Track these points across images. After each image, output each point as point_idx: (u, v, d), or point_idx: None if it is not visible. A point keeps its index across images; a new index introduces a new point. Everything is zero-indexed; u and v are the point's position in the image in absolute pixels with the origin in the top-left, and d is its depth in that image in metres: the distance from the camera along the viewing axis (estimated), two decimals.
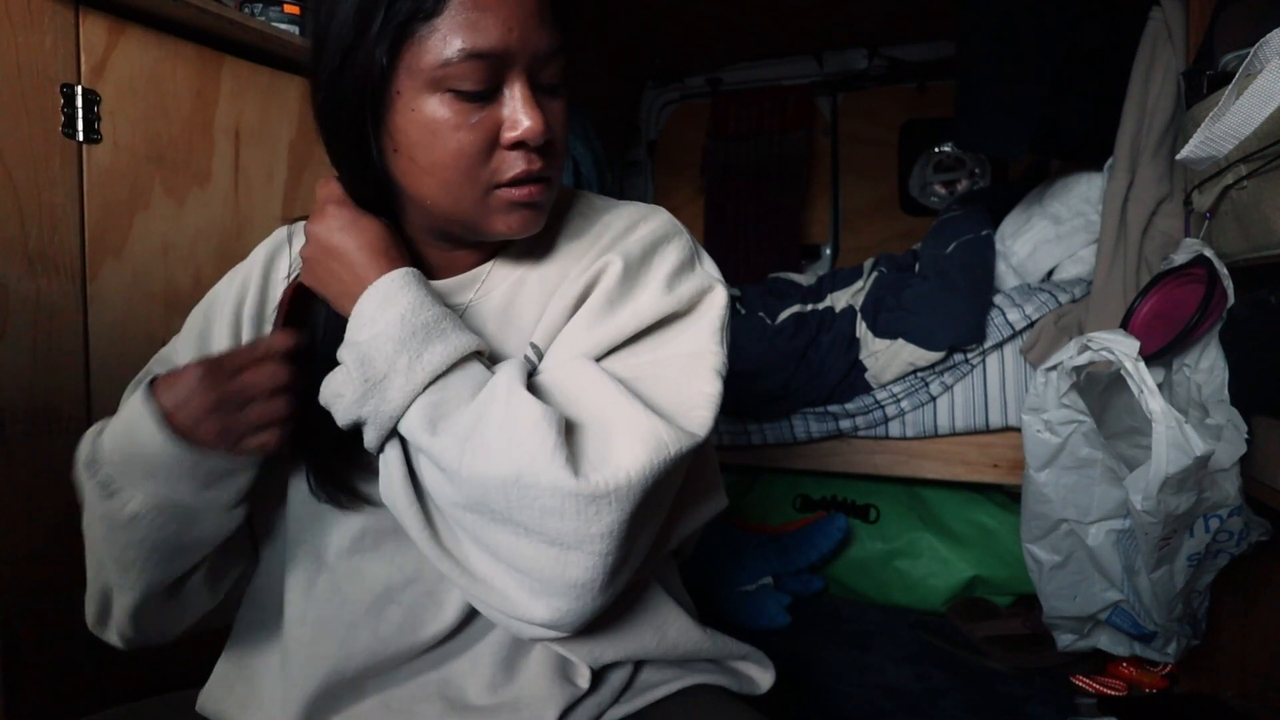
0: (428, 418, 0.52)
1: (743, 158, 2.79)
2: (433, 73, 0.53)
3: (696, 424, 0.54)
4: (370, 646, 0.62)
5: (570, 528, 0.48)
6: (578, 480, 0.48)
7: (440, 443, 0.51)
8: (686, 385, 0.57)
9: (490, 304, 0.64)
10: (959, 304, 1.53)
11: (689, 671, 0.69)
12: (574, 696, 0.62)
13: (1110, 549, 1.12)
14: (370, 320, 0.54)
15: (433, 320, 0.54)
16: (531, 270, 0.64)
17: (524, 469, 0.48)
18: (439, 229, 0.62)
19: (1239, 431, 1.04)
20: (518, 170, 0.56)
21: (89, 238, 0.98)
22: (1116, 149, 1.36)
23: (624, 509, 0.49)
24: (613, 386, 0.53)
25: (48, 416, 0.93)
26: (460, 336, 0.55)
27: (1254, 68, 0.83)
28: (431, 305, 0.55)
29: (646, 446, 0.50)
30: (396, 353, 0.53)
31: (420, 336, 0.53)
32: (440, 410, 0.52)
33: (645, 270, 0.61)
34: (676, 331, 0.60)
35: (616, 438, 0.50)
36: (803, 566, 1.72)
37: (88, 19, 0.97)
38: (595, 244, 0.63)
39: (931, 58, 2.55)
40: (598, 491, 0.48)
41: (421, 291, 0.55)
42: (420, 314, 0.54)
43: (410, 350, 0.53)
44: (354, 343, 0.54)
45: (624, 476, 0.48)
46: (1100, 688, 1.30)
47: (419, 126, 0.54)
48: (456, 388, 0.53)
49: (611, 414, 0.52)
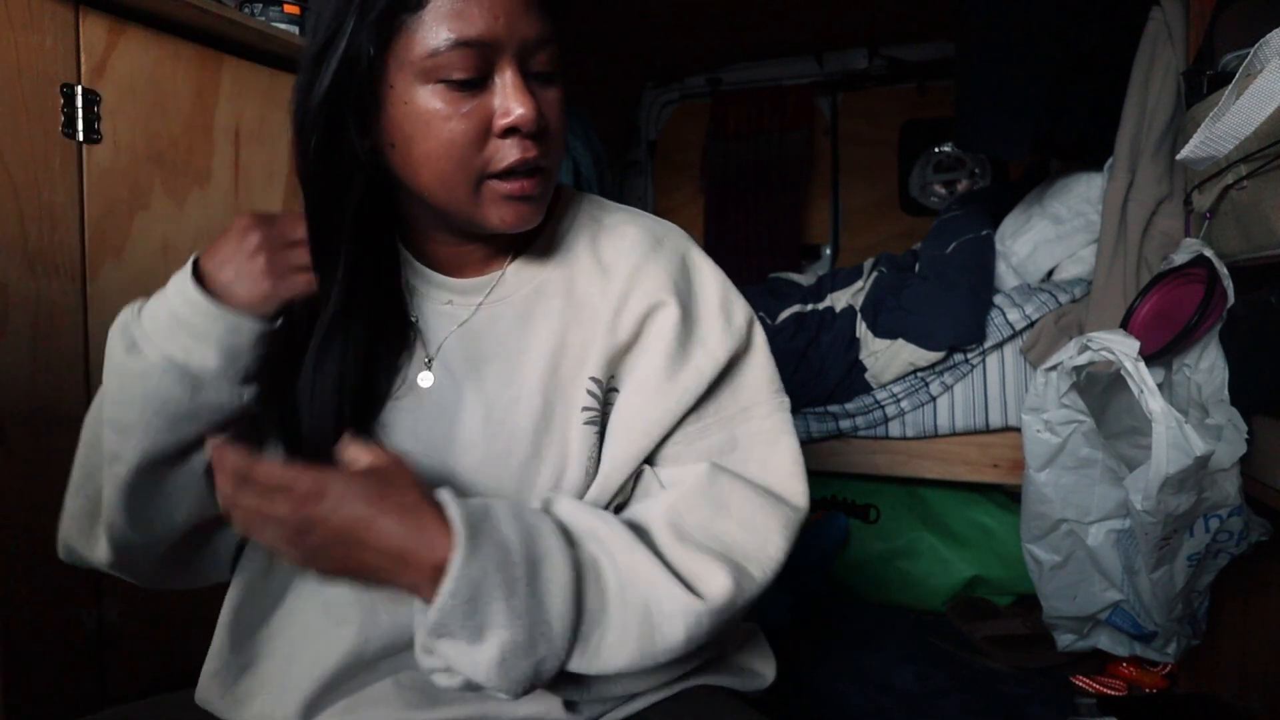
0: (586, 656, 0.53)
1: (743, 158, 2.79)
2: (422, 64, 0.53)
3: (798, 494, 0.63)
4: (390, 630, 0.61)
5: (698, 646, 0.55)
6: (703, 604, 0.54)
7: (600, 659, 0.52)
8: (775, 447, 0.64)
9: (508, 310, 0.64)
10: (959, 304, 1.53)
11: (692, 671, 0.69)
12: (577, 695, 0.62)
13: (1110, 549, 1.12)
14: (473, 641, 0.48)
15: (528, 557, 0.50)
16: (551, 279, 0.64)
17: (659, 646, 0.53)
18: (442, 223, 0.62)
19: (1239, 431, 1.04)
20: (513, 159, 0.56)
21: (89, 238, 0.98)
22: (1116, 149, 1.36)
23: (747, 597, 0.57)
24: (734, 486, 0.60)
25: (48, 416, 0.93)
26: (549, 562, 0.51)
27: (1254, 68, 0.83)
28: (510, 550, 0.49)
29: (775, 539, 0.59)
30: (530, 650, 0.49)
31: (528, 571, 0.49)
32: (596, 636, 0.52)
33: (697, 305, 0.64)
34: (743, 375, 0.65)
35: (767, 536, 0.59)
36: (803, 566, 1.72)
37: (88, 19, 0.97)
38: (619, 259, 0.64)
39: (931, 58, 2.55)
40: (758, 591, 0.57)
41: (493, 540, 0.49)
42: (515, 556, 0.49)
43: (531, 589, 0.49)
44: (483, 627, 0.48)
45: (774, 567, 0.59)
46: (1100, 688, 1.30)
47: (412, 119, 0.55)
48: (587, 599, 0.52)
49: (743, 525, 0.59)
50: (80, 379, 0.97)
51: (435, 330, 0.65)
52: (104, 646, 0.98)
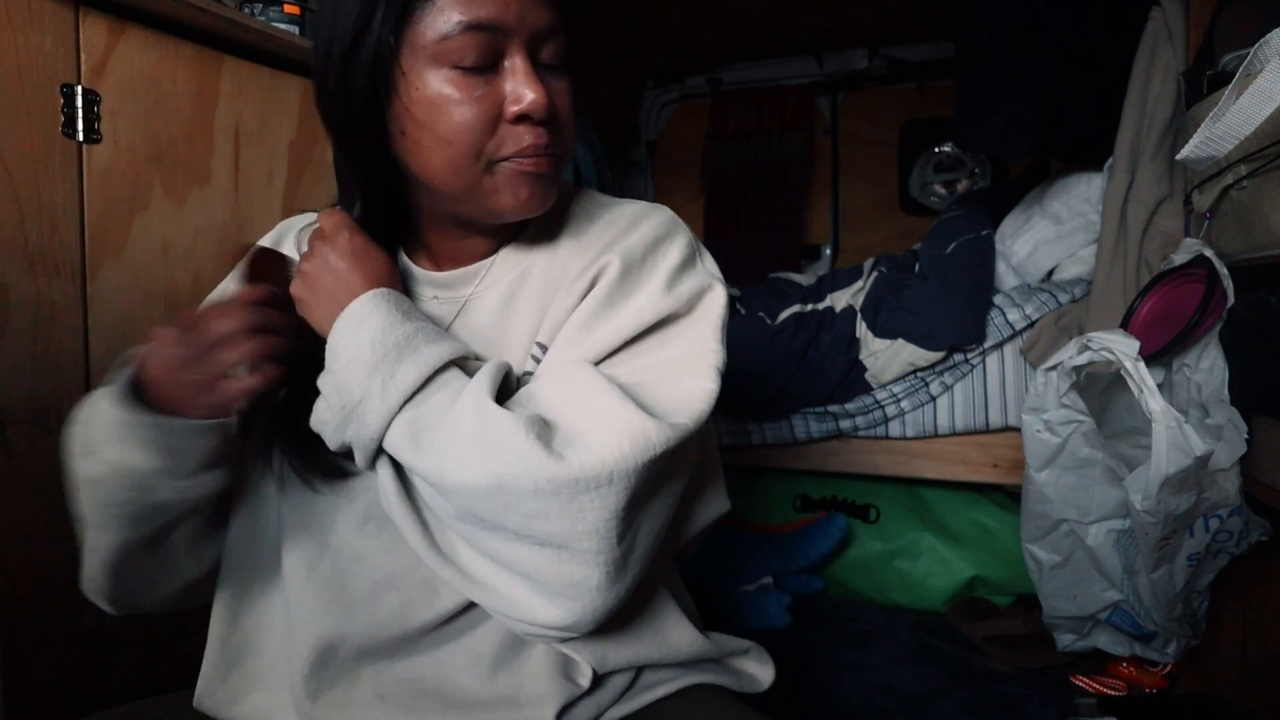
0: (409, 435, 0.53)
1: (743, 158, 2.79)
2: (434, 48, 0.54)
3: (685, 415, 0.54)
4: (367, 629, 0.62)
5: (558, 528, 0.49)
6: (556, 468, 0.48)
7: (422, 459, 0.52)
8: (686, 383, 0.57)
9: (492, 297, 0.64)
10: (959, 304, 1.53)
11: (689, 671, 0.69)
12: (574, 694, 0.62)
13: (1110, 549, 1.12)
14: (344, 346, 0.55)
15: (404, 339, 0.54)
16: (535, 264, 0.64)
17: (503, 476, 0.48)
18: (450, 213, 0.62)
19: (1239, 431, 1.04)
20: (524, 145, 0.56)
21: (89, 238, 0.98)
22: (1116, 149, 1.36)
23: (607, 503, 0.49)
24: (599, 387, 0.53)
25: (48, 417, 0.93)
26: (432, 350, 0.55)
27: (1254, 68, 0.83)
28: (403, 323, 0.55)
29: (626, 438, 0.50)
30: (370, 376, 0.53)
31: (392, 357, 0.54)
32: (419, 425, 0.53)
33: (645, 269, 0.61)
34: (677, 331, 0.60)
35: (595, 433, 0.50)
36: (803, 566, 1.72)
37: (88, 19, 0.97)
38: (598, 241, 0.63)
39: (931, 58, 2.55)
40: (576, 484, 0.48)
41: (392, 311, 0.55)
42: (391, 334, 0.54)
43: (383, 372, 0.53)
44: (330, 370, 0.55)
45: (600, 465, 0.48)
46: (1100, 688, 1.30)
47: (423, 104, 0.55)
48: (434, 401, 0.54)
49: (595, 412, 0.52)
50: (80, 379, 0.97)
51: None
52: (104, 646, 0.99)
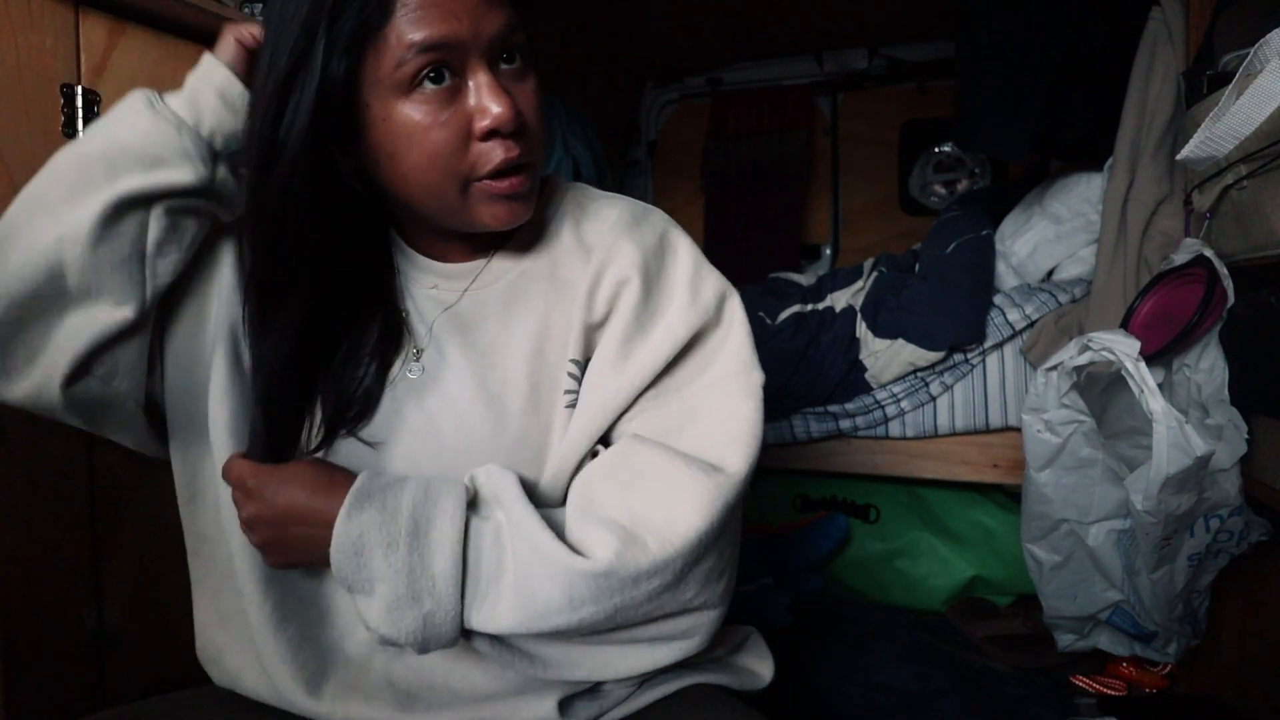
0: (485, 610, 0.54)
1: (743, 158, 2.79)
2: (393, 77, 0.54)
3: (740, 456, 0.58)
4: None
5: (673, 607, 0.56)
6: (651, 564, 0.53)
7: (514, 620, 0.53)
8: (731, 409, 0.60)
9: (492, 294, 0.64)
10: (959, 304, 1.53)
11: (689, 670, 0.69)
12: (575, 689, 0.63)
13: (1110, 549, 1.12)
14: (356, 545, 0.54)
15: (405, 531, 0.54)
16: (534, 263, 0.65)
17: (617, 605, 0.53)
18: (432, 224, 0.62)
19: (1239, 431, 1.04)
20: (497, 161, 0.56)
21: None
22: (1116, 149, 1.36)
23: (702, 566, 0.56)
24: (655, 464, 0.58)
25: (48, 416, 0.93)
26: (438, 525, 0.54)
27: (1254, 68, 0.83)
28: (396, 512, 0.55)
29: (696, 513, 0.55)
30: (409, 592, 0.53)
31: (411, 533, 0.54)
32: (482, 588, 0.54)
33: (663, 279, 0.62)
34: (714, 347, 0.62)
35: (670, 517, 0.55)
36: (803, 566, 1.72)
37: (88, 19, 0.97)
38: (598, 242, 0.64)
39: (931, 58, 2.55)
40: (671, 565, 0.54)
41: (378, 503, 0.55)
42: (401, 519, 0.54)
43: (408, 546, 0.54)
44: (355, 573, 0.54)
45: (683, 545, 0.54)
46: (1100, 688, 1.30)
47: (393, 135, 0.55)
48: (488, 562, 0.55)
49: (661, 494, 0.56)
50: None
51: (424, 314, 0.66)
52: (104, 646, 0.98)
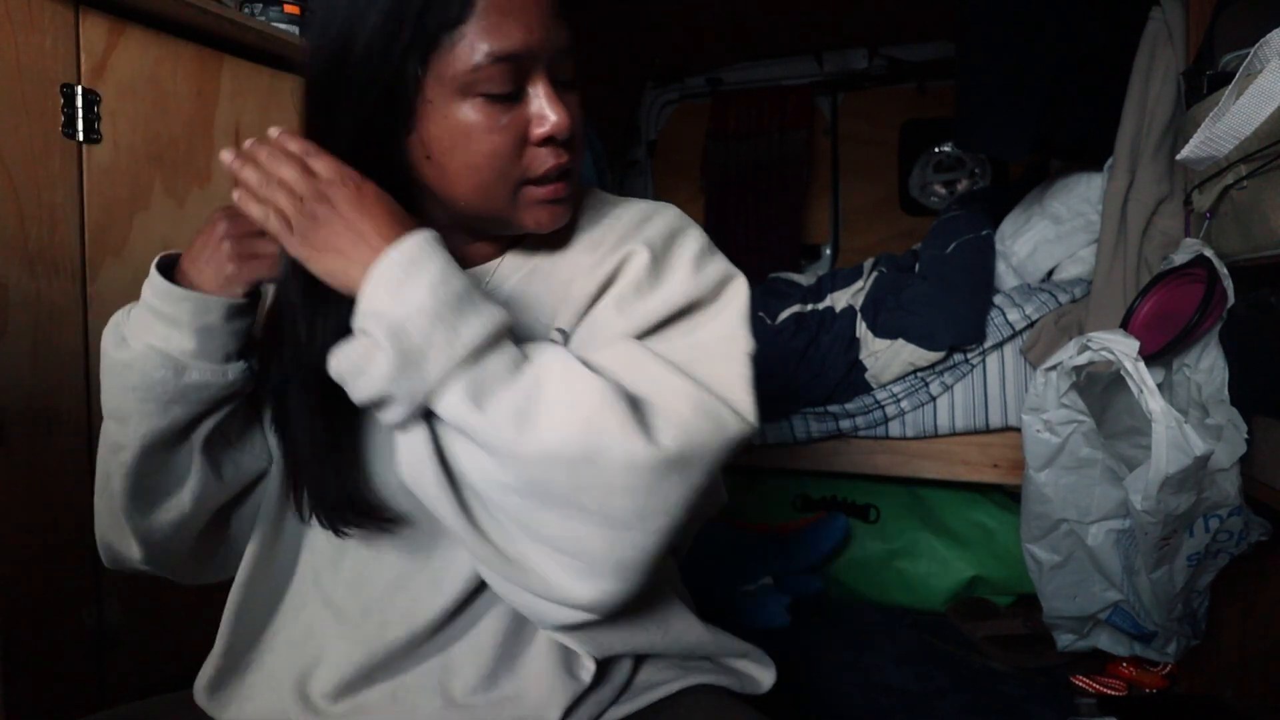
0: (470, 394, 0.49)
1: (743, 158, 2.79)
2: (462, 79, 0.54)
3: (747, 410, 0.55)
4: (378, 633, 0.62)
5: (635, 505, 0.48)
6: (651, 450, 0.48)
7: (489, 421, 0.49)
8: (724, 369, 0.57)
9: (500, 294, 0.64)
10: (959, 304, 1.53)
11: (690, 671, 0.69)
12: (578, 691, 0.62)
13: (1110, 549, 1.12)
14: (397, 287, 0.49)
15: (464, 290, 0.51)
16: (543, 261, 0.65)
17: (595, 447, 0.48)
18: (465, 224, 0.63)
19: (1239, 431, 1.04)
20: (548, 166, 0.58)
21: (89, 238, 0.98)
22: (1116, 149, 1.36)
23: (690, 483, 0.50)
24: (665, 364, 0.54)
25: (48, 416, 0.93)
26: (493, 309, 0.51)
27: (1254, 68, 0.83)
28: (459, 274, 0.52)
29: (708, 421, 0.51)
30: (432, 325, 0.49)
31: (454, 308, 0.50)
32: (484, 386, 0.49)
33: (670, 256, 0.62)
34: (707, 317, 0.60)
35: (681, 412, 0.51)
36: (803, 566, 1.72)
37: (88, 19, 0.97)
38: (610, 235, 0.64)
39: (931, 58, 2.55)
40: (668, 463, 0.48)
41: (448, 258, 0.52)
42: (451, 283, 0.50)
43: (446, 322, 0.49)
44: (378, 313, 0.49)
45: (690, 446, 0.49)
46: (1100, 688, 1.30)
47: (451, 133, 0.56)
48: (496, 364, 0.50)
49: (674, 389, 0.52)
50: (80, 379, 0.97)
51: None
52: (104, 646, 0.98)
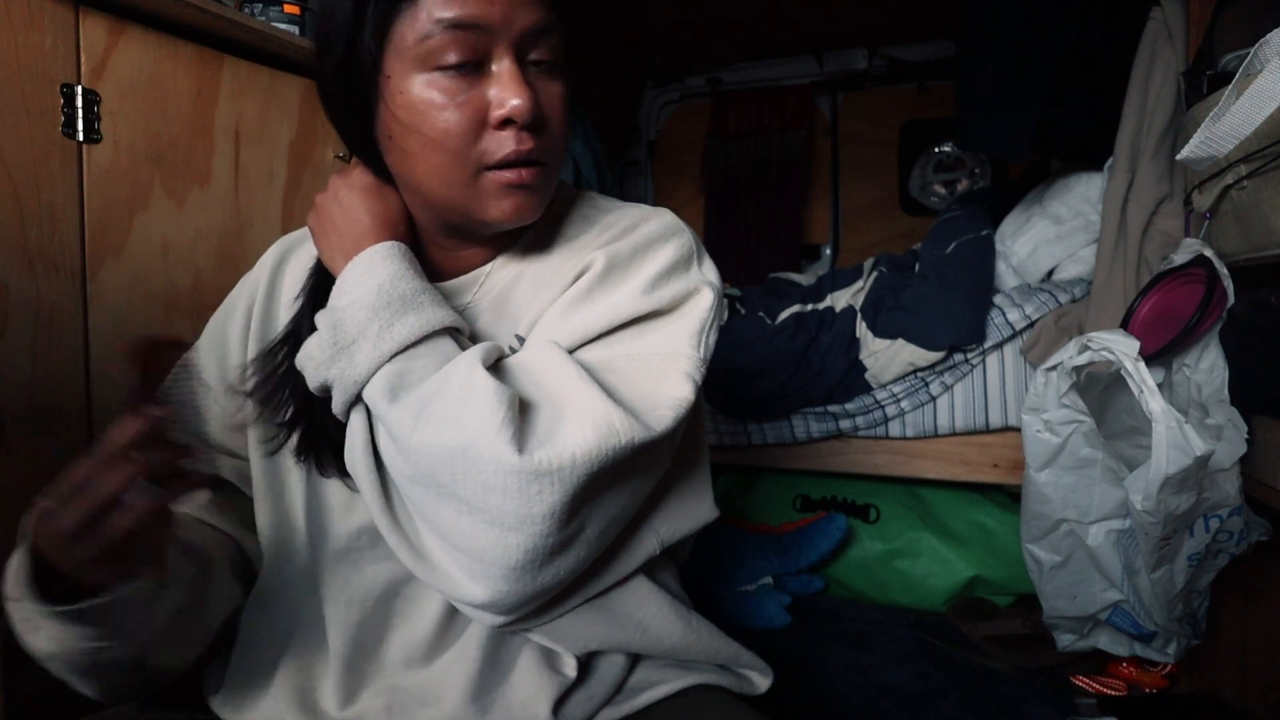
0: (390, 386, 0.53)
1: (743, 158, 2.79)
2: (416, 49, 0.53)
3: (655, 420, 0.53)
4: (377, 642, 0.63)
5: (511, 506, 0.48)
6: (521, 457, 0.48)
7: (395, 411, 0.52)
8: (655, 384, 0.56)
9: (486, 300, 0.64)
10: (959, 304, 1.53)
11: (688, 671, 0.69)
12: (563, 686, 0.63)
13: (1110, 549, 1.11)
14: (350, 286, 0.56)
15: (410, 293, 0.55)
16: (529, 267, 0.64)
17: (469, 441, 0.48)
18: (440, 222, 0.62)
19: (1239, 431, 1.04)
20: (507, 151, 0.55)
21: (89, 238, 0.98)
22: (1116, 149, 1.36)
23: (565, 490, 0.49)
24: (573, 371, 0.53)
25: (48, 416, 0.93)
26: (435, 311, 0.56)
27: (1254, 68, 0.83)
28: (412, 279, 0.56)
29: (596, 430, 0.50)
30: (369, 320, 0.54)
31: (395, 308, 0.54)
32: (403, 380, 0.53)
33: (630, 269, 0.60)
34: (653, 329, 0.59)
35: (567, 419, 0.50)
36: (803, 566, 1.72)
37: (88, 19, 0.97)
38: (592, 243, 0.63)
39: (931, 58, 2.55)
40: (540, 469, 0.48)
41: (405, 266, 0.57)
42: (399, 286, 0.55)
43: (382, 319, 0.54)
44: (331, 307, 0.56)
45: (568, 456, 0.48)
46: (1100, 688, 1.30)
47: (408, 109, 0.54)
48: (423, 360, 0.54)
49: (567, 397, 0.52)
50: (80, 379, 0.97)
51: None
52: None
